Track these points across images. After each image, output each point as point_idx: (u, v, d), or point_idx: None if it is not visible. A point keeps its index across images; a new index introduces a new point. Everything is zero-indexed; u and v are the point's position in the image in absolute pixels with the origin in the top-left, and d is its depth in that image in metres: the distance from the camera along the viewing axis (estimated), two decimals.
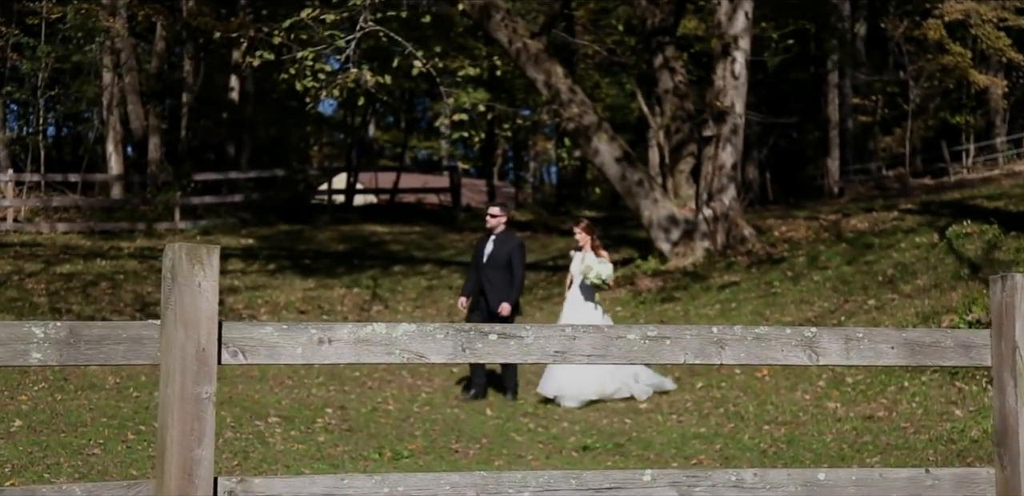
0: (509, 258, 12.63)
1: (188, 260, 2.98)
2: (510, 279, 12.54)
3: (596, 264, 12.28)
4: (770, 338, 3.62)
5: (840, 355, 3.64)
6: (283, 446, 9.82)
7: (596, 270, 12.20)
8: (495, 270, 12.62)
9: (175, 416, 2.99)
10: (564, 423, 11.03)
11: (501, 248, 12.72)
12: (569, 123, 19.26)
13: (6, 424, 10.45)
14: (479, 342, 3.37)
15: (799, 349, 3.63)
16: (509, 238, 12.91)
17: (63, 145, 49.84)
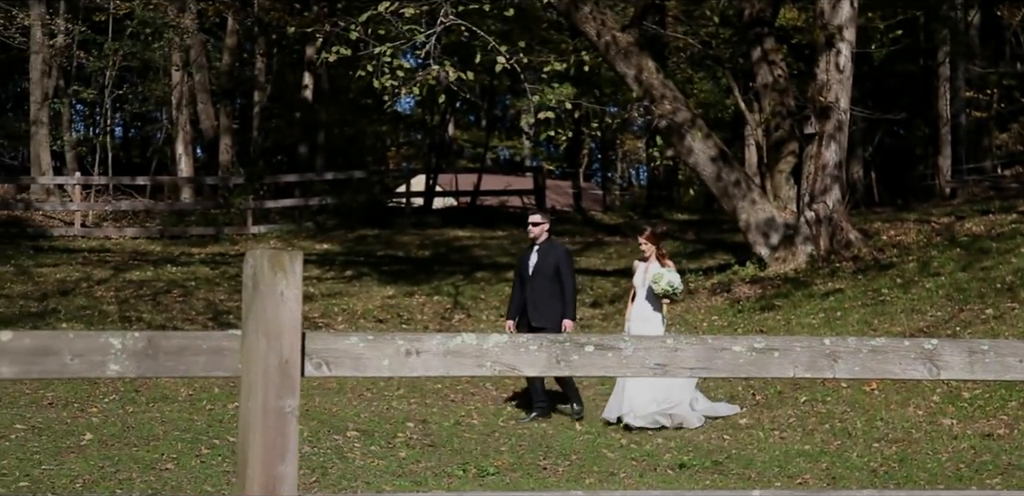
0: (556, 268, 12.33)
1: (270, 267, 3.00)
2: (558, 291, 12.23)
3: (666, 272, 12.03)
4: (887, 351, 3.57)
5: (963, 369, 3.58)
6: (363, 462, 9.88)
7: (667, 278, 11.92)
8: (542, 282, 12.33)
9: (257, 431, 3.01)
10: (659, 439, 10.97)
11: (546, 258, 12.42)
12: (661, 120, 19.18)
13: (76, 437, 10.62)
14: (574, 354, 3.35)
15: (918, 362, 3.57)
16: (553, 247, 12.63)
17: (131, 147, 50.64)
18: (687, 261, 21.32)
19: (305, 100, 34.26)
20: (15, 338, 2.85)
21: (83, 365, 2.90)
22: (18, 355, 2.85)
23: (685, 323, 16.97)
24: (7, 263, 21.44)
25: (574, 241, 24.71)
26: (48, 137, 31.24)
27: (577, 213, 31.82)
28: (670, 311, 17.75)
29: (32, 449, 10.04)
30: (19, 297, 18.74)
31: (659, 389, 11.62)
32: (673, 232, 25.40)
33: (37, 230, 26.19)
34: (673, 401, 11.64)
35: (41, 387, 13.17)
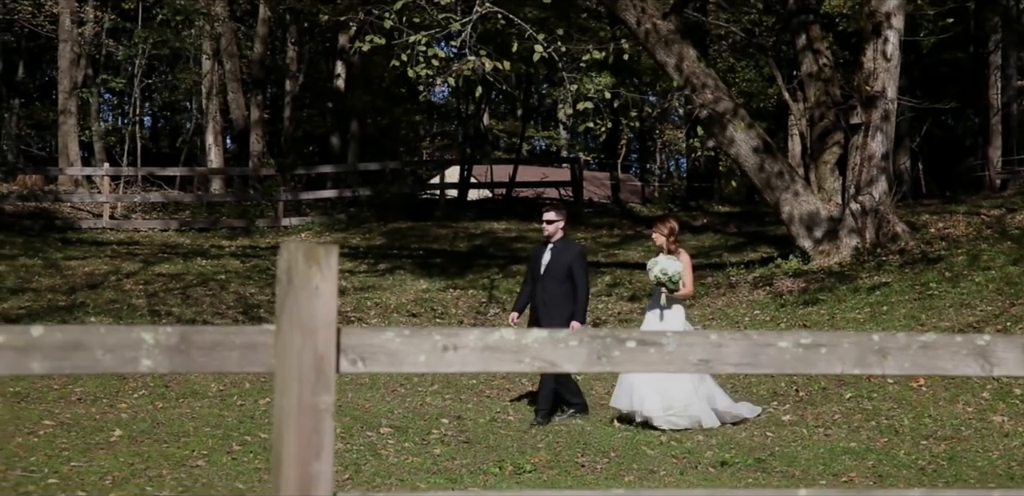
0: (569, 269, 12.06)
1: (305, 261, 3.00)
2: (570, 292, 11.97)
3: (662, 259, 11.71)
4: (938, 347, 3.54)
5: (1018, 365, 3.54)
6: (396, 459, 9.90)
7: (661, 265, 11.60)
8: (553, 282, 12.06)
9: (291, 428, 3.01)
10: (699, 436, 10.95)
11: (560, 258, 12.15)
12: (702, 110, 19.11)
13: (106, 433, 10.69)
14: (616, 349, 3.34)
15: (971, 359, 3.54)
16: (568, 246, 12.35)
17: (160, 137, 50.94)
18: (728, 254, 21.26)
19: (337, 89, 34.35)
20: (46, 333, 2.87)
21: (115, 360, 2.91)
22: (49, 350, 2.86)
23: (726, 317, 16.93)
24: (35, 256, 21.59)
25: (611, 234, 24.68)
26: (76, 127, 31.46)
27: (615, 205, 31.77)
28: (711, 305, 17.74)
29: (61, 445, 10.12)
30: (47, 290, 18.87)
31: (668, 390, 11.34)
32: (714, 225, 25.32)
33: (65, 222, 26.36)
34: (685, 401, 11.37)
35: (70, 382, 13.26)
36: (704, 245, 22.65)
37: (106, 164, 29.83)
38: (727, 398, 11.76)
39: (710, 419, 11.38)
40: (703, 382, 11.47)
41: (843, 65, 24.92)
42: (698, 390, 11.42)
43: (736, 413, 11.63)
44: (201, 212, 28.31)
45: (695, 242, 23.03)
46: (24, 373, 2.80)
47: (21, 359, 2.84)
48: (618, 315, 17.87)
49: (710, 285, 18.90)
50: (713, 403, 11.53)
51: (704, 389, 11.48)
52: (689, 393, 11.32)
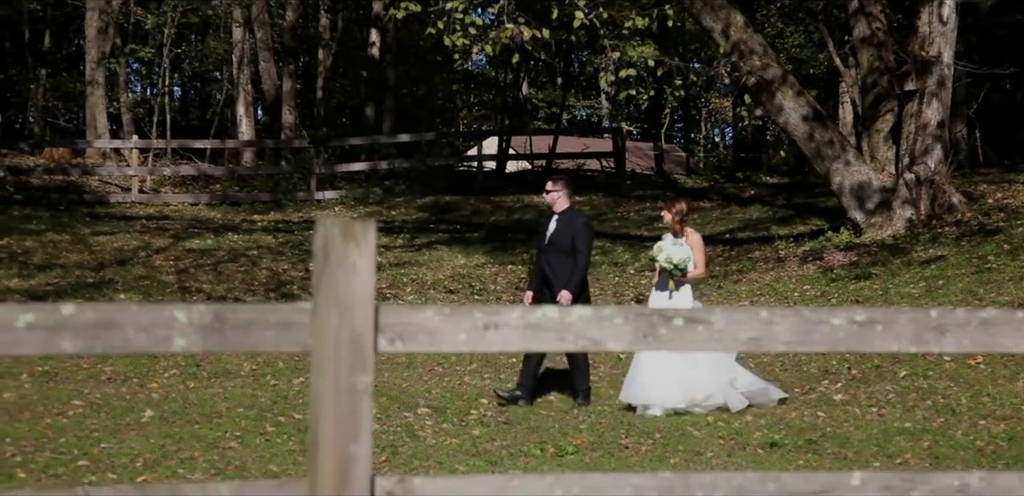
0: (573, 240, 11.83)
1: (342, 237, 3.00)
2: (575, 265, 11.78)
3: (667, 245, 11.44)
4: (999, 323, 3.51)
5: None
6: (435, 440, 9.94)
7: (665, 252, 11.33)
8: (558, 255, 11.86)
9: (328, 409, 3.02)
10: (747, 416, 10.93)
11: (564, 229, 11.92)
12: (749, 77, 19.00)
13: (136, 414, 10.78)
14: (663, 328, 3.33)
15: None
16: (574, 217, 12.05)
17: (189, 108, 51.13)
18: (776, 227, 21.18)
19: (372, 58, 34.34)
20: (78, 311, 2.88)
21: (147, 340, 2.92)
22: (80, 329, 2.88)
23: (775, 293, 16.88)
24: (63, 231, 21.75)
25: (655, 206, 24.61)
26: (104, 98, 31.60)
27: (659, 177, 31.70)
28: (758, 280, 17.69)
29: (91, 427, 10.21)
30: (75, 267, 19.02)
31: (687, 380, 11.11)
32: (761, 196, 25.22)
33: (93, 196, 26.51)
34: (706, 391, 11.15)
35: (99, 361, 13.37)
36: (751, 218, 22.57)
37: (135, 136, 29.97)
38: (752, 377, 11.54)
39: (735, 402, 11.21)
40: (720, 368, 11.19)
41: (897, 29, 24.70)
42: (717, 377, 11.18)
43: (764, 394, 11.42)
44: (232, 186, 28.42)
45: (742, 214, 22.95)
46: (55, 353, 2.82)
47: (52, 338, 2.86)
48: None
49: (757, 259, 18.84)
50: (735, 385, 11.31)
51: (723, 375, 11.24)
52: (708, 383, 11.13)
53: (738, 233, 21.34)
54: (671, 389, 11.10)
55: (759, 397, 11.39)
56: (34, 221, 22.76)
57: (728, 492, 3.41)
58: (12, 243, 20.53)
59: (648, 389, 11.16)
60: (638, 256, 19.81)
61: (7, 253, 19.78)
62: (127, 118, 34.19)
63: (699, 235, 11.86)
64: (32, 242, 20.69)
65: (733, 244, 20.39)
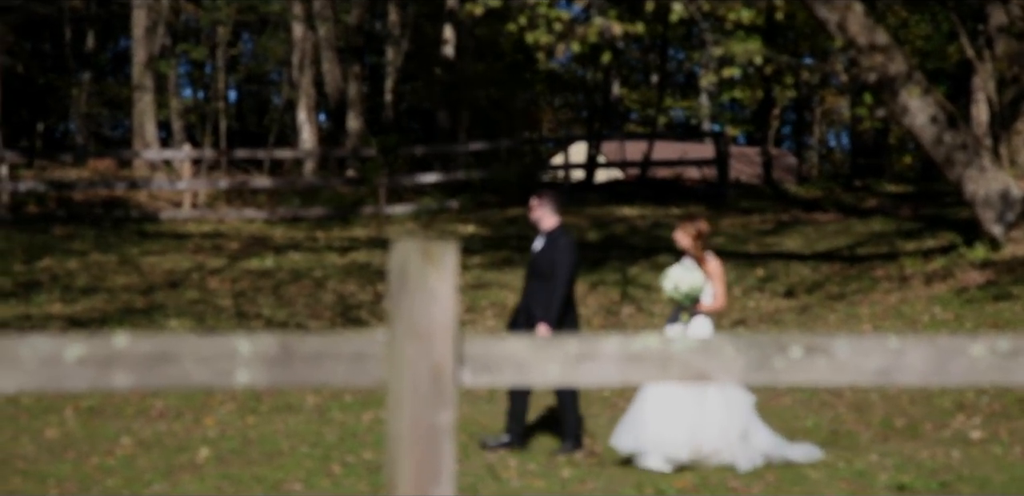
0: (554, 264, 11.55)
1: (420, 260, 3.01)
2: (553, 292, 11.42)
3: (678, 271, 10.84)
4: None
5: None
6: (519, 482, 9.95)
7: (673, 279, 10.75)
8: (539, 280, 11.60)
9: (406, 449, 3.03)
10: (872, 455, 10.83)
11: (547, 250, 11.69)
12: (870, 74, 18.87)
13: (191, 453, 10.88)
14: (778, 358, 3.31)
15: None
16: (558, 237, 11.76)
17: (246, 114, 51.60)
18: (901, 241, 21.00)
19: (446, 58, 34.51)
20: (133, 343, 2.91)
21: (208, 373, 2.94)
22: (135, 362, 2.91)
23: (900, 316, 16.73)
24: (109, 251, 22.02)
25: (763, 219, 24.46)
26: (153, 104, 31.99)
27: (767, 186, 31.55)
28: (882, 301, 17.53)
29: (141, 467, 10.32)
30: (122, 290, 19.25)
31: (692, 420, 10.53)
32: (884, 207, 25.03)
33: (142, 212, 26.81)
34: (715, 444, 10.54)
35: (150, 396, 13.51)
36: (873, 231, 22.40)
37: (186, 146, 30.29)
38: (768, 433, 10.85)
39: (746, 460, 10.50)
40: (734, 416, 10.60)
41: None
42: (729, 427, 10.56)
43: (783, 454, 10.71)
44: (293, 199, 28.63)
45: (861, 228, 22.78)
46: (106, 388, 2.86)
47: (104, 373, 2.89)
48: (771, 315, 17.75)
49: (881, 278, 18.68)
50: (748, 438, 10.65)
51: (736, 426, 10.60)
52: (718, 433, 10.54)
53: (858, 249, 21.17)
54: (674, 435, 10.47)
55: (779, 455, 10.69)
56: (77, 240, 23.07)
57: None
58: (54, 265, 20.82)
59: (644, 434, 10.57)
60: (744, 275, 19.72)
61: (48, 276, 20.06)
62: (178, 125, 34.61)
63: (718, 261, 11.28)
64: (75, 263, 20.97)
65: (852, 261, 20.23)
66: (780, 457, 10.66)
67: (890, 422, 12.32)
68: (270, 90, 50.58)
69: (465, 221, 25.67)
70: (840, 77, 20.52)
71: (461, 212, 26.58)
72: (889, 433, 11.89)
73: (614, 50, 20.97)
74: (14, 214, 25.44)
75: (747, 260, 20.61)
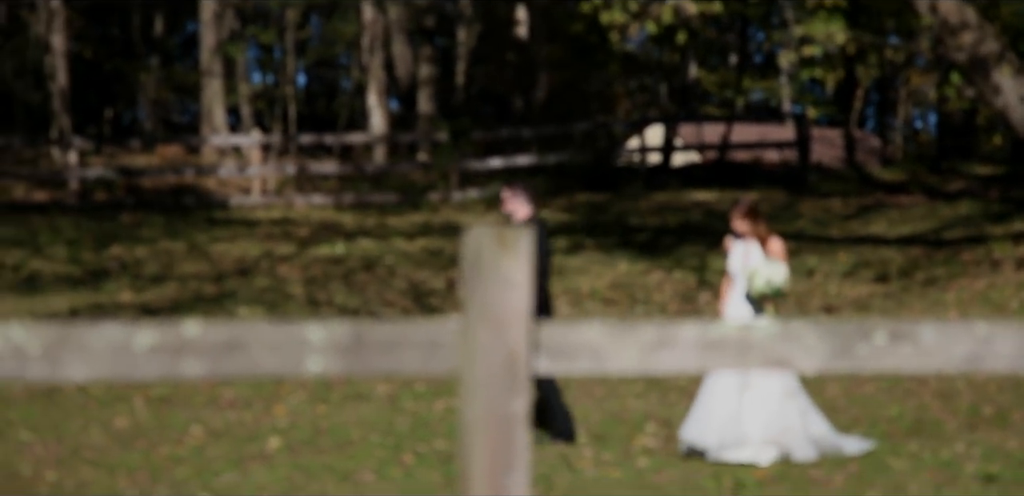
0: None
1: (495, 246, 3.02)
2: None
3: (764, 266, 10.72)
4: None
5: None
6: (595, 472, 9.95)
7: (765, 275, 10.64)
8: None
9: (480, 438, 3.04)
10: (959, 444, 10.75)
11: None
12: (959, 54, 18.67)
13: (260, 443, 10.96)
14: (862, 344, 3.29)
15: None
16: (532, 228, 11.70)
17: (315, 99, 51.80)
18: (990, 225, 20.80)
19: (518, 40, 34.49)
20: (202, 331, 2.94)
21: (279, 362, 2.96)
22: (205, 351, 2.93)
23: (988, 302, 16.58)
24: (178, 238, 22.18)
25: (846, 203, 24.29)
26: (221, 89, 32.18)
27: (850, 169, 31.32)
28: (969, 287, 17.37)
29: (211, 456, 10.41)
30: (192, 278, 19.40)
31: (761, 412, 10.49)
32: (972, 189, 24.79)
33: (211, 199, 26.98)
34: (776, 426, 10.52)
35: (219, 384, 13.62)
36: (960, 214, 22.19)
37: (255, 131, 30.47)
38: (824, 423, 10.83)
39: (803, 450, 10.51)
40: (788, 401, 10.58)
41: None
42: (785, 414, 10.56)
43: (835, 444, 10.68)
44: (364, 185, 28.72)
45: (948, 211, 22.58)
46: (176, 377, 2.88)
47: (175, 361, 2.92)
48: (857, 301, 17.64)
49: (968, 263, 18.52)
50: (805, 427, 10.66)
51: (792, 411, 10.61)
52: (782, 417, 10.52)
53: (944, 232, 20.99)
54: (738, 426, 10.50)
55: (832, 444, 10.68)
56: (146, 228, 23.25)
57: None
58: (123, 252, 21.01)
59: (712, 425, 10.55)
60: (827, 260, 19.60)
61: (117, 263, 20.25)
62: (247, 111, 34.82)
63: (781, 241, 11.11)
64: (144, 251, 21.15)
65: (939, 245, 20.06)
66: (833, 447, 10.66)
67: (977, 410, 12.22)
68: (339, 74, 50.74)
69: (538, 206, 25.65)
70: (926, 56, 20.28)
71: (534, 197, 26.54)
72: (976, 422, 11.80)
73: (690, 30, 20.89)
74: (83, 201, 25.71)
75: (830, 245, 20.49)
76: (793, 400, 10.62)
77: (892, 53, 21.64)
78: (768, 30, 46.86)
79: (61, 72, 31.50)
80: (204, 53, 32.34)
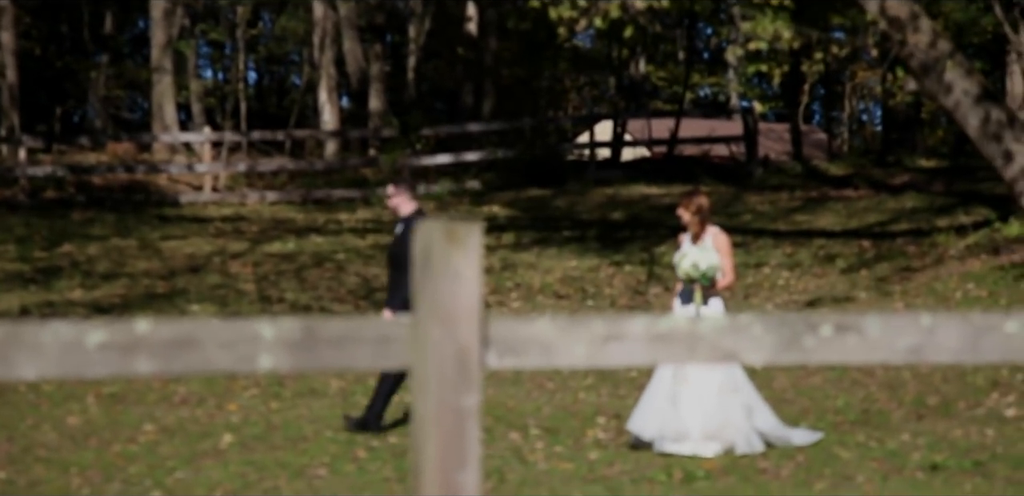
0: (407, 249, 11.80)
1: (444, 241, 3.02)
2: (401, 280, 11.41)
3: (692, 250, 10.85)
4: None
5: None
6: (546, 465, 9.97)
7: (691, 258, 10.74)
8: (392, 268, 11.83)
9: (431, 433, 3.04)
10: (904, 434, 10.83)
11: (401, 238, 11.75)
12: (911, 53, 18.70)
13: (214, 439, 10.93)
14: (809, 337, 3.31)
15: None
16: (409, 224, 11.71)
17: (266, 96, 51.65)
18: (934, 218, 20.94)
19: (469, 35, 34.47)
20: (154, 329, 2.93)
21: (231, 358, 2.96)
22: (157, 348, 2.92)
23: (933, 293, 16.69)
24: (129, 236, 22.09)
25: (792, 197, 24.40)
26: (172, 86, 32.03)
27: (796, 162, 31.45)
28: (914, 279, 17.49)
29: (164, 454, 10.37)
30: (143, 275, 19.31)
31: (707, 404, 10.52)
32: (916, 183, 24.93)
33: (162, 196, 26.87)
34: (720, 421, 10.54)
35: (171, 381, 13.57)
36: (905, 207, 22.33)
37: (206, 128, 30.35)
38: (770, 415, 10.87)
39: (747, 443, 10.53)
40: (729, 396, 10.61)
41: None
42: (725, 409, 10.58)
43: (782, 435, 10.75)
44: (315, 181, 28.65)
45: (893, 204, 22.71)
46: (129, 374, 2.87)
47: (125, 359, 2.91)
48: (803, 293, 17.73)
49: (913, 255, 18.64)
50: (756, 422, 10.71)
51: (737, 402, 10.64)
52: (722, 412, 10.56)
53: (890, 225, 21.12)
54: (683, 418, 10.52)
55: (778, 436, 10.73)
56: (97, 225, 23.13)
57: None
58: (74, 250, 20.90)
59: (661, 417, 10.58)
60: (774, 254, 19.69)
61: (69, 261, 20.14)
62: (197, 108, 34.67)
63: (726, 235, 11.22)
64: (96, 249, 21.04)
65: (884, 238, 20.18)
66: (780, 439, 10.72)
67: (923, 401, 12.31)
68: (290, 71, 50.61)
69: (489, 201, 25.67)
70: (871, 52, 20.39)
71: (484, 192, 26.57)
72: (922, 412, 11.89)
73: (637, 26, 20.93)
74: (33, 199, 25.54)
75: (776, 238, 20.58)
76: (734, 395, 10.64)
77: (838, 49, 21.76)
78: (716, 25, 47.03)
79: (10, 70, 31.27)
80: (154, 50, 32.17)
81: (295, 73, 48.02)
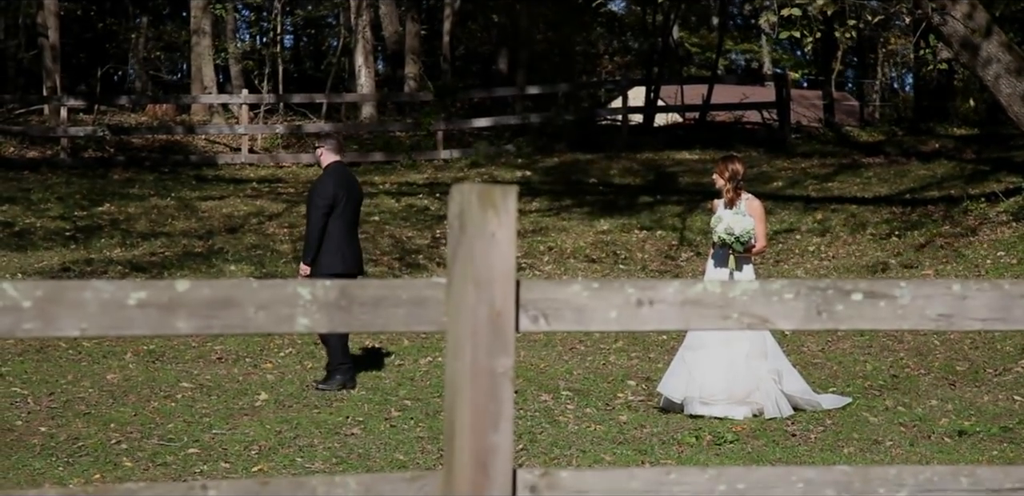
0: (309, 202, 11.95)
1: (480, 205, 3.02)
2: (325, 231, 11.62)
3: (727, 215, 10.83)
4: None
5: None
6: (576, 426, 9.99)
7: (726, 222, 10.74)
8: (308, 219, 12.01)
9: (465, 395, 3.05)
10: (933, 400, 10.81)
11: (312, 186, 11.99)
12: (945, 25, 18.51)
13: (250, 397, 10.99)
14: (839, 303, 3.30)
15: None
16: (323, 175, 12.01)
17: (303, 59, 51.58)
18: (965, 185, 20.80)
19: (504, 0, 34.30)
20: (193, 288, 2.94)
21: (268, 319, 2.97)
22: (196, 307, 2.93)
23: (963, 260, 16.60)
24: (168, 196, 22.13)
25: (824, 163, 24.28)
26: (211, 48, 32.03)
27: (828, 129, 31.28)
28: (944, 246, 17.38)
29: (201, 411, 10.43)
30: (181, 235, 19.35)
31: (735, 369, 10.51)
32: (947, 150, 24.78)
33: (200, 157, 26.92)
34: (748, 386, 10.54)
35: (208, 340, 13.62)
36: (935, 174, 22.19)
37: (244, 90, 30.33)
38: (800, 380, 10.86)
39: (776, 407, 10.51)
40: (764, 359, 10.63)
41: None
42: (760, 371, 10.57)
43: (811, 399, 10.74)
44: (350, 144, 28.65)
45: (924, 171, 22.57)
46: (168, 333, 2.88)
47: (165, 317, 2.92)
48: (834, 260, 17.67)
49: (943, 222, 18.54)
50: (785, 386, 10.67)
51: (765, 368, 10.60)
52: (751, 377, 10.54)
53: (921, 192, 21.00)
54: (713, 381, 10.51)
55: (807, 400, 10.74)
56: (137, 185, 23.19)
57: (915, 489, 3.38)
58: (114, 209, 20.96)
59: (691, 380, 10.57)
60: (805, 220, 19.61)
61: (108, 220, 20.20)
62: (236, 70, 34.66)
63: (759, 202, 11.22)
64: (135, 208, 21.09)
65: (914, 205, 20.07)
66: (809, 403, 10.72)
67: (951, 366, 12.28)
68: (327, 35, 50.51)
69: (522, 166, 25.62)
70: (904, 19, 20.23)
71: (518, 157, 26.51)
72: (950, 378, 11.86)
73: None
74: (74, 158, 25.65)
75: (807, 204, 20.49)
76: (762, 360, 10.63)
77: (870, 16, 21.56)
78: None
79: (52, 31, 31.33)
80: (194, 12, 32.16)
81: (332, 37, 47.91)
